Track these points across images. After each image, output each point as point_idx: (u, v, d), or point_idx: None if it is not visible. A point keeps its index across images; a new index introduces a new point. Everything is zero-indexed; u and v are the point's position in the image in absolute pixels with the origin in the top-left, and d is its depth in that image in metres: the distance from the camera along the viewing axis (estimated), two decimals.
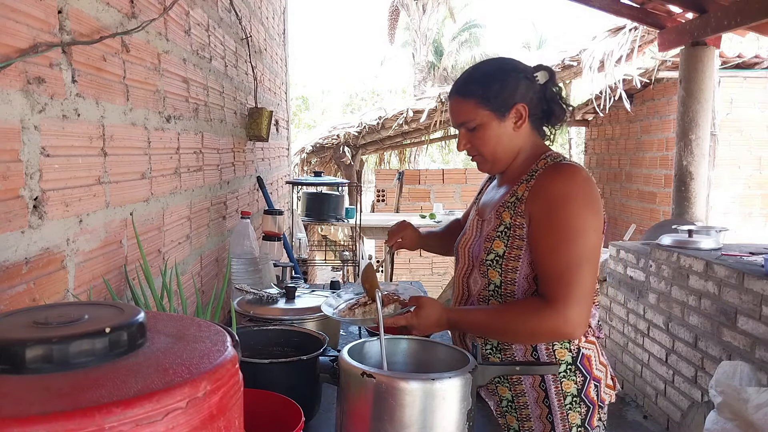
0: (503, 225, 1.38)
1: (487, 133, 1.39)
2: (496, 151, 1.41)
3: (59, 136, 0.96)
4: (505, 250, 1.36)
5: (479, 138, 1.40)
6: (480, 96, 1.37)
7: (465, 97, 1.40)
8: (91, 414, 0.43)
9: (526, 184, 1.38)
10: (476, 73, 1.43)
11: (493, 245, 1.38)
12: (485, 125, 1.39)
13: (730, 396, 2.59)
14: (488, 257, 1.39)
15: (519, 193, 1.37)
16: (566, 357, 1.36)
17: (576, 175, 1.32)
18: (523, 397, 1.37)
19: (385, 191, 7.71)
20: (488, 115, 1.38)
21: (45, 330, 0.53)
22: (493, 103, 1.37)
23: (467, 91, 1.40)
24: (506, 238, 1.36)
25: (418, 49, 22.29)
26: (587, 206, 1.29)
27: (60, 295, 0.98)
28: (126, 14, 1.23)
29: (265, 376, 1.17)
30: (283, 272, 2.29)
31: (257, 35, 2.97)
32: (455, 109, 1.43)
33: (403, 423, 0.98)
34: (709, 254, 3.28)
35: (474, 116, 1.38)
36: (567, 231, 1.27)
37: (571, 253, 1.26)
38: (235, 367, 0.57)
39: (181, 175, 1.63)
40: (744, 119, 5.70)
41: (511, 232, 1.36)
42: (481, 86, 1.38)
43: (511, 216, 1.37)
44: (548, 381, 1.35)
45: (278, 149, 3.92)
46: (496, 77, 1.39)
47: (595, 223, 1.30)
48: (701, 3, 3.92)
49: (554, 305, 1.26)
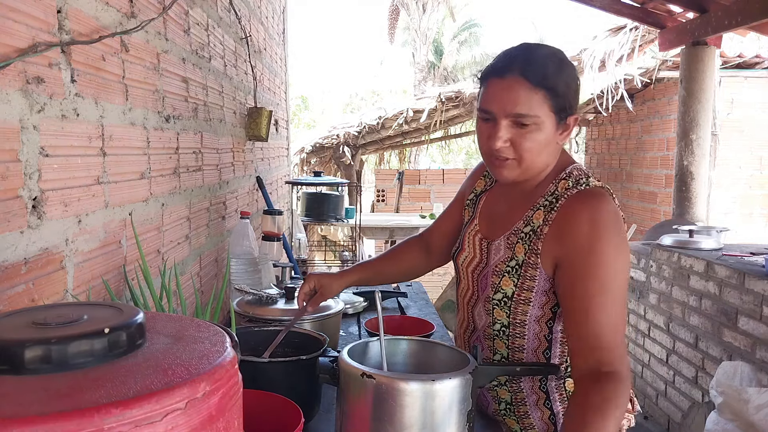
0: (515, 260, 1.22)
1: (540, 137, 1.15)
2: (537, 161, 1.19)
3: (58, 135, 0.96)
4: (515, 291, 1.22)
5: (528, 139, 1.15)
6: (553, 90, 1.13)
7: (536, 85, 1.12)
8: (90, 414, 0.43)
9: (543, 212, 1.20)
10: (551, 58, 1.15)
11: (501, 283, 1.23)
12: (541, 126, 1.14)
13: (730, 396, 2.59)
14: (495, 296, 1.24)
15: (535, 224, 1.21)
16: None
17: (604, 208, 1.14)
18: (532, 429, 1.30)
19: (385, 191, 7.71)
20: (551, 117, 1.14)
21: (44, 330, 0.53)
22: (561, 105, 1.15)
23: (542, 77, 1.12)
24: (516, 277, 1.21)
25: (418, 48, 22.29)
26: (620, 247, 1.13)
27: (59, 295, 0.97)
28: (125, 14, 1.22)
29: (265, 376, 1.17)
30: (282, 273, 2.28)
31: (257, 35, 2.97)
32: (514, 94, 1.13)
33: (403, 424, 0.98)
34: (710, 254, 3.28)
35: (538, 112, 1.13)
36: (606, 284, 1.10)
37: (616, 308, 1.10)
38: (235, 368, 0.56)
39: (180, 175, 1.63)
40: (745, 119, 5.69)
41: (522, 270, 1.21)
42: (557, 79, 1.13)
43: (525, 252, 1.20)
44: (557, 414, 1.26)
45: (278, 149, 3.92)
46: (570, 75, 1.16)
47: (628, 264, 1.17)
48: (702, 3, 3.92)
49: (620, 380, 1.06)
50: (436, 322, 1.93)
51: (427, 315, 2.11)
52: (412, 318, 1.91)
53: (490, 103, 1.16)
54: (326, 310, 1.57)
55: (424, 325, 1.77)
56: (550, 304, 1.22)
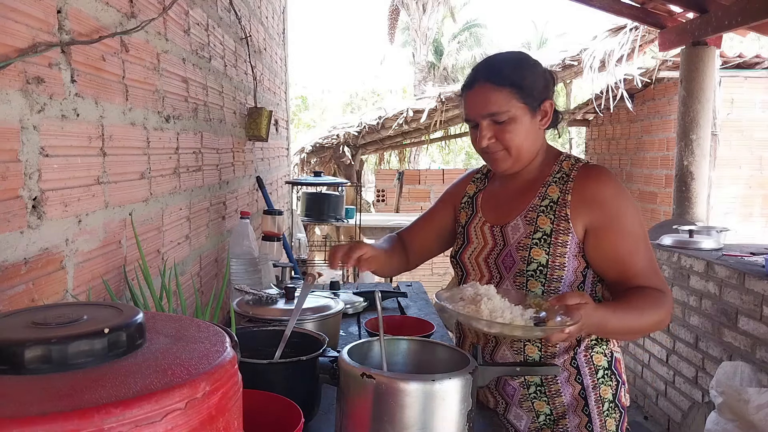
0: (540, 231, 1.30)
1: (518, 127, 1.29)
2: (523, 148, 1.31)
3: (58, 136, 0.96)
4: (548, 259, 1.28)
5: (509, 132, 1.29)
6: (516, 85, 1.27)
7: (499, 85, 1.27)
8: (90, 415, 0.43)
9: (557, 186, 1.33)
10: (507, 60, 1.33)
11: (531, 254, 1.29)
12: (517, 118, 1.28)
13: (730, 396, 2.59)
14: (529, 267, 1.30)
15: (553, 196, 1.32)
16: (602, 362, 1.35)
17: (612, 175, 1.33)
18: (562, 407, 1.33)
19: (385, 191, 7.71)
20: (522, 108, 1.28)
21: (44, 330, 0.53)
22: (529, 96, 1.28)
23: (502, 78, 1.28)
24: (547, 246, 1.29)
25: (418, 48, 22.30)
26: (633, 202, 1.33)
27: (59, 295, 0.97)
28: (125, 14, 1.22)
29: (265, 376, 1.17)
30: (282, 273, 2.28)
31: (257, 35, 2.97)
32: (484, 98, 1.29)
33: (403, 424, 0.98)
34: (710, 254, 3.28)
35: (508, 107, 1.27)
36: (637, 229, 1.29)
37: (648, 248, 1.30)
38: (234, 368, 0.56)
39: (180, 175, 1.63)
40: (745, 119, 5.70)
41: (552, 238, 1.29)
42: (517, 75, 1.28)
43: (552, 221, 1.30)
44: (588, 388, 1.32)
45: (278, 149, 3.92)
46: (531, 68, 1.31)
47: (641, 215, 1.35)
48: (702, 3, 3.92)
49: (668, 294, 1.28)
50: (436, 322, 1.93)
51: (427, 315, 2.10)
52: (412, 318, 1.91)
53: (469, 112, 1.33)
54: (326, 310, 1.57)
55: (424, 325, 1.77)
56: (580, 268, 1.31)
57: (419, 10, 21.81)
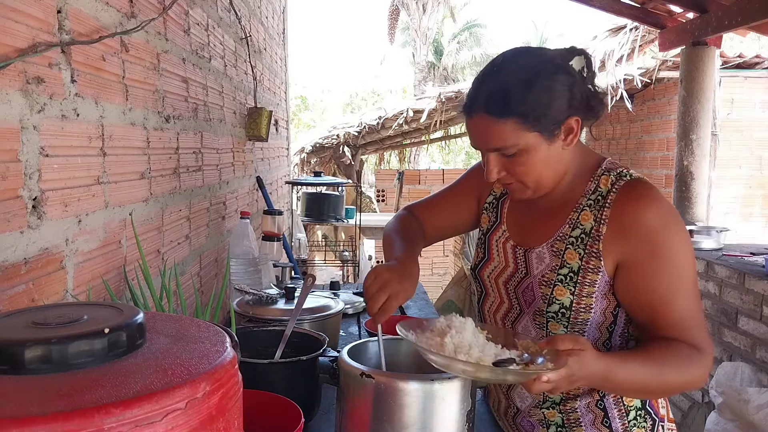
0: (567, 268, 1.12)
1: (532, 159, 1.07)
2: (543, 176, 1.11)
3: (58, 136, 0.96)
4: (573, 300, 1.11)
5: (521, 164, 1.08)
6: (523, 114, 1.03)
7: (501, 117, 1.04)
8: (90, 414, 0.43)
9: (592, 211, 1.12)
10: (509, 81, 1.05)
11: (554, 293, 1.12)
12: (530, 149, 1.06)
13: (730, 397, 2.59)
14: (550, 308, 1.13)
15: (585, 226, 1.11)
16: (635, 402, 1.18)
17: (660, 196, 1.09)
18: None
19: (385, 191, 7.71)
20: (535, 137, 1.05)
21: (44, 330, 0.53)
22: (543, 123, 1.04)
23: (503, 109, 1.04)
24: (572, 285, 1.11)
25: (418, 48, 22.31)
26: (684, 232, 1.09)
27: (59, 295, 0.97)
28: (125, 14, 1.22)
29: (265, 376, 1.17)
30: (282, 273, 2.28)
31: (257, 35, 2.97)
32: (485, 131, 1.07)
33: (402, 423, 0.98)
34: (710, 254, 3.28)
35: (515, 140, 1.05)
36: (681, 271, 1.07)
37: (692, 294, 1.08)
38: (235, 368, 0.56)
39: (180, 175, 1.63)
40: (745, 119, 5.69)
41: (580, 277, 1.10)
42: (522, 101, 1.03)
43: (581, 257, 1.11)
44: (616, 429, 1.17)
45: (278, 149, 3.92)
46: (540, 84, 1.03)
47: (692, 250, 1.11)
48: (702, 3, 3.91)
49: (706, 353, 1.07)
50: None
51: (427, 315, 2.11)
52: (412, 318, 1.91)
53: (472, 140, 1.14)
54: (326, 310, 1.57)
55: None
56: (610, 307, 1.13)
57: (419, 10, 21.82)
